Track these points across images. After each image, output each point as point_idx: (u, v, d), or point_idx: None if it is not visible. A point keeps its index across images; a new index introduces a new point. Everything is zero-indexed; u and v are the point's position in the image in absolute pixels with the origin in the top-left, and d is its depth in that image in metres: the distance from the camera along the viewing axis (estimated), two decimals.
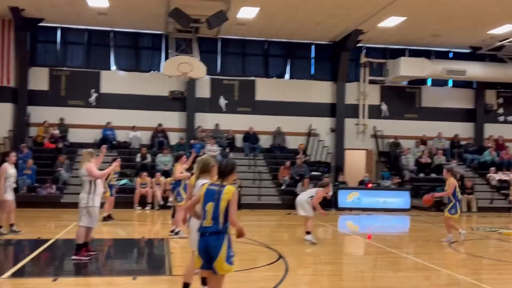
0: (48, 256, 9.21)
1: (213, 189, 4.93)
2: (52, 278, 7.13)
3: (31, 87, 20.23)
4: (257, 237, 11.27)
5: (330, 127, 22.52)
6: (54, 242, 10.17)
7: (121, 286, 6.88)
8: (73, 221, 12.65)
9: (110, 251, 10.07)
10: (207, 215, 4.86)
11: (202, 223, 4.91)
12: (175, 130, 21.23)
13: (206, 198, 4.92)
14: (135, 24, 20.45)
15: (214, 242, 4.82)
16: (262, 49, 22.55)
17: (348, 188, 19.61)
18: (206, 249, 4.83)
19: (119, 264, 8.78)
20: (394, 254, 9.98)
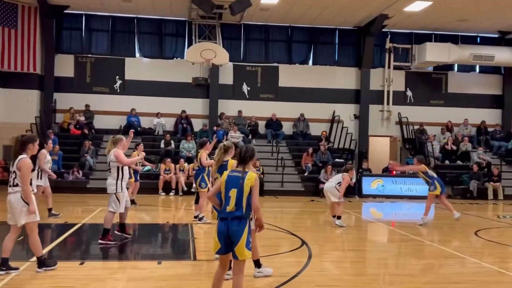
0: (75, 241, 9.39)
1: (235, 175, 4.99)
2: (79, 261, 7.28)
3: (57, 74, 20.54)
4: (280, 224, 11.31)
5: (354, 113, 22.33)
6: (81, 227, 10.36)
7: (146, 270, 6.98)
8: (99, 206, 12.90)
9: (135, 236, 10.22)
10: (231, 201, 4.92)
11: (225, 208, 4.96)
12: (199, 117, 21.34)
13: (228, 184, 4.98)
14: (158, 11, 20.50)
15: (236, 227, 4.89)
16: (285, 35, 22.39)
17: (372, 175, 19.47)
18: (227, 234, 4.88)
19: (144, 248, 8.91)
20: (418, 241, 9.89)
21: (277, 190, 18.21)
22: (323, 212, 14.30)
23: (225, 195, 4.99)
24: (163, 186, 17.54)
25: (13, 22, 19.34)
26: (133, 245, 8.98)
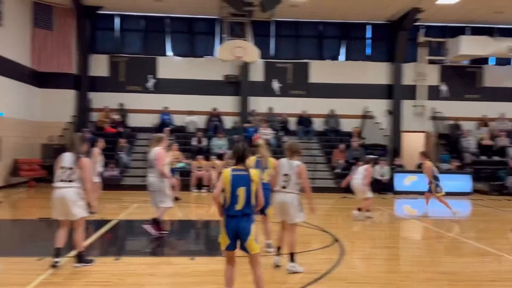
0: (110, 237, 9.61)
1: (240, 174, 5.15)
2: (115, 257, 7.46)
3: (92, 74, 21.00)
4: (311, 220, 11.27)
5: (387, 109, 22.06)
6: (116, 223, 10.60)
7: (180, 266, 7.09)
8: (134, 203, 13.18)
9: (169, 232, 10.38)
10: (239, 199, 5.09)
11: (233, 206, 5.10)
12: (229, 114, 21.47)
13: (235, 183, 5.11)
14: (190, 10, 20.69)
15: (245, 223, 5.12)
16: (316, 30, 22.28)
17: (405, 172, 19.17)
18: (236, 231, 5.12)
19: (177, 244, 9.05)
20: (453, 238, 9.73)
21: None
22: (355, 208, 14.19)
23: (231, 194, 5.11)
24: (196, 183, 17.74)
25: (49, 23, 19.86)
26: (166, 241, 9.13)
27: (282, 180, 6.83)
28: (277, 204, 6.92)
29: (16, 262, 6.94)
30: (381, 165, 18.25)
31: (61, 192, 6.57)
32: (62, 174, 6.58)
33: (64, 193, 6.56)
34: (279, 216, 6.99)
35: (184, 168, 18.30)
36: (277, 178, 6.94)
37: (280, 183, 6.86)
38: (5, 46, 16.89)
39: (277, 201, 6.90)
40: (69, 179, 6.57)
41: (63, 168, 6.59)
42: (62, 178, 6.58)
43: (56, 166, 6.66)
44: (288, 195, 6.80)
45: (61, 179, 6.59)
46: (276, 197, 6.91)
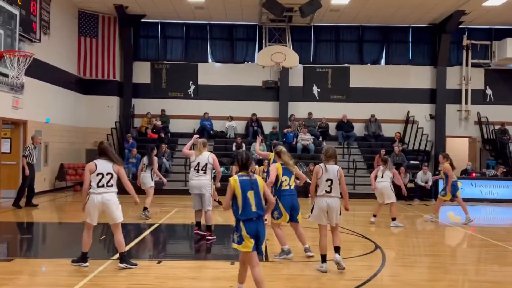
0: (153, 240, 9.78)
1: (247, 180, 5.44)
2: (157, 260, 7.58)
3: (135, 81, 21.50)
4: (352, 227, 11.16)
5: (430, 113, 21.61)
6: (158, 227, 10.77)
7: (220, 270, 7.14)
8: (175, 207, 13.37)
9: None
10: (251, 202, 5.36)
11: (249, 210, 5.34)
12: (269, 120, 21.52)
13: (244, 188, 5.37)
14: (230, 17, 20.90)
15: (262, 224, 5.43)
16: (357, 35, 22.09)
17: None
18: (256, 233, 5.34)
19: (217, 249, 9.11)
20: (500, 247, 9.40)
21: (348, 193, 17.85)
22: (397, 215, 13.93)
23: (243, 199, 5.34)
24: None
25: (94, 32, 20.47)
26: (207, 245, 9.22)
27: (326, 185, 7.01)
28: (322, 208, 7.02)
29: (62, 264, 7.16)
30: (424, 171, 17.86)
31: (103, 197, 6.81)
32: (103, 180, 6.82)
33: (107, 197, 6.81)
34: (323, 220, 7.07)
35: (223, 173, 18.44)
36: (316, 183, 7.08)
37: (324, 188, 7.01)
38: (52, 54, 17.49)
39: (322, 206, 7.01)
40: (109, 184, 6.83)
41: (101, 174, 6.82)
42: (101, 183, 6.82)
43: (90, 172, 6.84)
44: (333, 199, 7.05)
45: (100, 185, 6.81)
46: (320, 202, 7.02)
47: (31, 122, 15.82)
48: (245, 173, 5.50)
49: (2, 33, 10.46)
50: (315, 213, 7.11)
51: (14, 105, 14.70)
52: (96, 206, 6.82)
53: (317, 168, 7.15)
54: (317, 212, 7.07)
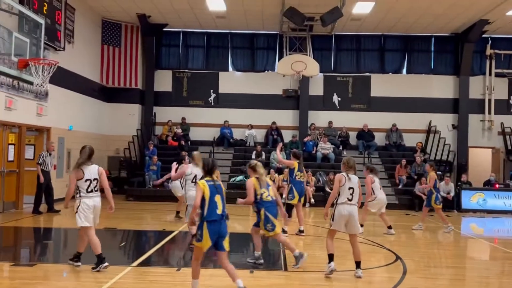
0: (172, 247, 9.81)
1: (213, 184, 5.96)
2: (176, 268, 7.61)
3: (156, 89, 21.72)
4: (373, 237, 11.05)
5: (452, 123, 21.35)
6: (177, 234, 10.81)
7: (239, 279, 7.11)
8: None
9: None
10: (218, 205, 5.90)
11: (215, 212, 5.86)
12: (289, 128, 21.50)
13: (212, 192, 5.91)
14: (251, 26, 21.01)
15: (225, 225, 5.98)
16: (378, 44, 21.99)
17: (472, 189, 18.40)
18: (219, 233, 5.86)
19: (236, 257, 9.10)
20: None
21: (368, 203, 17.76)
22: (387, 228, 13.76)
23: (210, 202, 5.86)
24: None
25: (117, 41, 20.78)
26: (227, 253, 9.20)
27: (348, 193, 7.19)
28: (343, 217, 7.15)
29: (83, 270, 7.23)
30: (446, 182, 17.62)
31: (95, 201, 7.19)
32: (90, 186, 7.15)
33: (97, 201, 7.25)
34: (345, 228, 7.24)
35: (242, 181, 18.47)
36: (338, 191, 7.23)
37: (347, 196, 7.17)
38: (76, 62, 17.79)
39: (344, 214, 7.14)
40: (96, 189, 7.23)
41: (89, 180, 7.14)
42: (91, 189, 7.16)
43: (78, 179, 7.13)
44: (354, 207, 7.24)
45: (91, 190, 7.17)
46: (342, 210, 7.15)
47: (55, 129, 16.09)
48: (210, 179, 5.99)
49: (28, 41, 10.70)
50: (336, 220, 7.20)
51: (38, 112, 14.97)
52: (91, 209, 7.15)
53: (340, 177, 7.27)
54: (338, 220, 7.18)
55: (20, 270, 7.17)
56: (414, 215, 16.04)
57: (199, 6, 18.33)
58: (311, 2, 17.24)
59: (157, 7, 18.75)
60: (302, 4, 17.22)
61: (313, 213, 15.82)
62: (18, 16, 10.57)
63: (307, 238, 10.77)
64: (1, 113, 13.01)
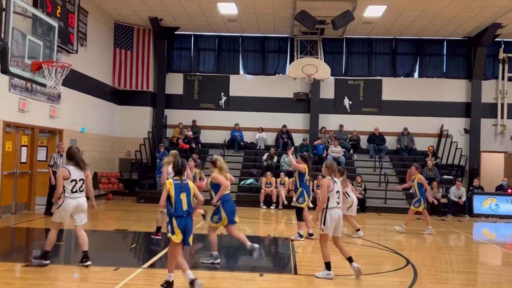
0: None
1: (179, 184, 6.34)
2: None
3: (167, 92, 21.84)
4: (384, 242, 11.00)
5: (464, 127, 21.19)
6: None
7: (249, 282, 7.13)
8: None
9: (238, 247, 10.49)
10: (183, 203, 6.29)
11: (181, 208, 6.25)
12: (299, 131, 21.49)
13: (177, 191, 6.28)
14: (262, 29, 21.05)
15: (190, 221, 6.36)
16: (389, 47, 21.92)
17: (484, 194, 18.24)
18: (185, 227, 6.26)
19: (246, 260, 9.11)
20: None
21: (380, 207, 17.72)
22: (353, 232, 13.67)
23: (176, 199, 6.26)
24: (264, 199, 17.81)
25: (129, 44, 20.93)
26: (236, 256, 9.22)
27: (336, 197, 7.35)
28: (334, 221, 7.27)
29: (95, 271, 7.28)
30: (457, 186, 17.49)
31: (78, 201, 7.49)
32: (75, 186, 7.46)
33: (81, 201, 7.53)
34: (335, 232, 7.35)
35: (253, 185, 18.50)
36: (326, 196, 7.29)
37: (336, 200, 7.33)
38: (88, 65, 17.95)
39: (335, 218, 7.27)
40: (81, 189, 7.54)
41: (74, 181, 7.43)
42: (76, 189, 7.47)
43: (64, 178, 7.39)
44: (341, 210, 7.46)
45: (76, 190, 7.47)
46: (333, 214, 7.27)
47: (67, 131, 16.23)
48: (179, 178, 6.40)
49: (41, 44, 10.80)
50: (328, 224, 7.26)
51: (51, 114, 15.13)
52: (71, 209, 7.44)
53: (327, 182, 7.31)
54: (330, 224, 7.25)
55: (32, 271, 7.23)
56: (424, 220, 15.93)
57: (211, 9, 18.42)
58: (323, 6, 17.24)
59: (169, 11, 18.86)
60: (314, 8, 17.23)
61: None
62: (32, 19, 10.68)
63: (318, 241, 10.74)
64: (14, 115, 13.17)
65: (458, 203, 17.32)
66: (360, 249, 10.08)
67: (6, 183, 13.07)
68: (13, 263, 7.76)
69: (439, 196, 17.26)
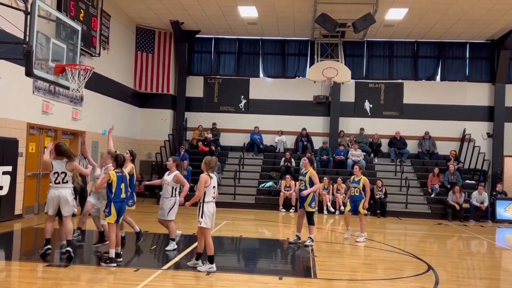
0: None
1: (120, 175, 7.83)
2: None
3: (188, 95, 21.98)
4: (404, 246, 10.89)
5: (487, 132, 20.86)
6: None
7: (268, 285, 7.11)
8: (224, 219, 13.46)
9: (257, 250, 10.49)
10: (122, 191, 7.83)
11: (120, 195, 7.79)
12: (319, 135, 21.42)
13: (119, 181, 7.78)
14: (282, 32, 21.05)
15: (124, 206, 8.01)
16: (411, 50, 21.71)
17: (507, 199, 17.90)
18: (120, 211, 7.81)
19: (265, 263, 9.10)
20: None
21: (400, 212, 17.53)
22: (451, 236, 13.49)
23: (117, 188, 7.72)
24: (283, 203, 17.75)
25: (151, 47, 21.14)
26: (255, 259, 9.21)
27: (212, 192, 7.80)
28: (211, 214, 7.72)
29: (115, 272, 7.35)
30: (479, 191, 17.21)
31: (60, 192, 7.94)
32: (58, 178, 7.95)
33: (63, 193, 7.96)
34: (210, 224, 7.71)
35: (272, 188, 18.47)
36: (203, 190, 7.70)
37: (212, 194, 7.78)
38: (110, 68, 18.17)
39: (212, 211, 7.69)
40: (65, 181, 8.00)
41: (56, 173, 7.95)
42: (59, 181, 7.96)
43: (49, 171, 8.02)
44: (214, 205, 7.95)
45: (58, 182, 7.96)
46: (210, 208, 7.69)
47: (89, 133, 16.45)
48: (119, 170, 7.87)
49: (64, 47, 10.96)
50: (207, 218, 7.59)
51: (73, 117, 15.35)
52: (54, 199, 7.96)
53: (205, 177, 7.64)
54: (208, 217, 7.61)
55: (54, 271, 7.33)
56: (447, 225, 15.74)
57: (231, 13, 18.49)
58: (344, 8, 17.18)
59: (190, 14, 19.00)
60: (334, 11, 17.17)
61: (342, 221, 15.65)
62: (56, 23, 10.85)
63: (337, 245, 10.68)
64: (38, 117, 13.40)
65: (481, 208, 17.04)
66: (380, 253, 9.99)
67: (30, 184, 13.30)
68: (36, 263, 7.88)
69: (461, 201, 17.01)
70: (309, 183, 10.37)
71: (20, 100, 12.65)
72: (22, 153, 12.65)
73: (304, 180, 10.43)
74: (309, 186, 10.35)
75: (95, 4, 16.52)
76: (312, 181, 10.38)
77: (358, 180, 11.42)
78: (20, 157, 12.46)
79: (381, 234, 13.22)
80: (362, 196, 11.43)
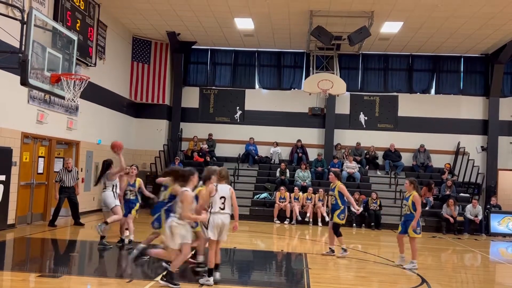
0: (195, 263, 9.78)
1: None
2: (199, 285, 7.60)
3: (183, 105, 21.99)
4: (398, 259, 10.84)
5: (482, 145, 20.96)
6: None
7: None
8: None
9: (251, 262, 10.45)
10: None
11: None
12: (314, 146, 21.45)
13: None
14: (278, 44, 21.16)
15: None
16: (406, 63, 21.85)
17: (501, 212, 17.95)
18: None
19: (259, 275, 9.06)
20: None
21: (395, 224, 17.42)
22: (445, 249, 13.49)
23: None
24: (278, 214, 17.72)
25: (147, 57, 21.18)
26: (249, 270, 9.17)
27: (220, 203, 7.51)
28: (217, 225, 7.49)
29: (108, 283, 7.29)
30: (473, 204, 17.25)
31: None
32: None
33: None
34: (216, 235, 7.53)
35: (267, 199, 18.44)
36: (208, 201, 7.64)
37: (219, 205, 7.52)
38: (106, 78, 18.16)
39: (218, 223, 7.45)
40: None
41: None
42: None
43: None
44: (225, 216, 7.54)
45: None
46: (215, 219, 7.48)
47: (84, 142, 16.40)
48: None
49: (60, 57, 10.97)
50: (211, 229, 7.46)
51: (68, 126, 15.32)
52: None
53: (211, 187, 7.53)
54: (212, 228, 7.44)
55: (45, 282, 7.27)
56: (441, 238, 15.73)
57: (228, 24, 18.59)
58: (339, 21, 17.30)
59: (186, 25, 19.07)
60: (330, 23, 17.29)
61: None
62: (52, 32, 10.87)
63: (332, 258, 10.64)
64: (32, 126, 13.36)
65: (475, 222, 17.07)
66: (374, 266, 9.97)
67: (23, 194, 13.21)
68: (28, 273, 7.81)
69: (455, 214, 17.03)
70: (339, 197, 10.58)
71: (15, 109, 12.62)
72: (16, 162, 12.59)
73: (334, 195, 10.59)
74: (339, 199, 10.49)
75: (92, 15, 16.57)
76: (342, 195, 10.59)
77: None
78: (13, 166, 12.39)
79: (376, 247, 13.21)
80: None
